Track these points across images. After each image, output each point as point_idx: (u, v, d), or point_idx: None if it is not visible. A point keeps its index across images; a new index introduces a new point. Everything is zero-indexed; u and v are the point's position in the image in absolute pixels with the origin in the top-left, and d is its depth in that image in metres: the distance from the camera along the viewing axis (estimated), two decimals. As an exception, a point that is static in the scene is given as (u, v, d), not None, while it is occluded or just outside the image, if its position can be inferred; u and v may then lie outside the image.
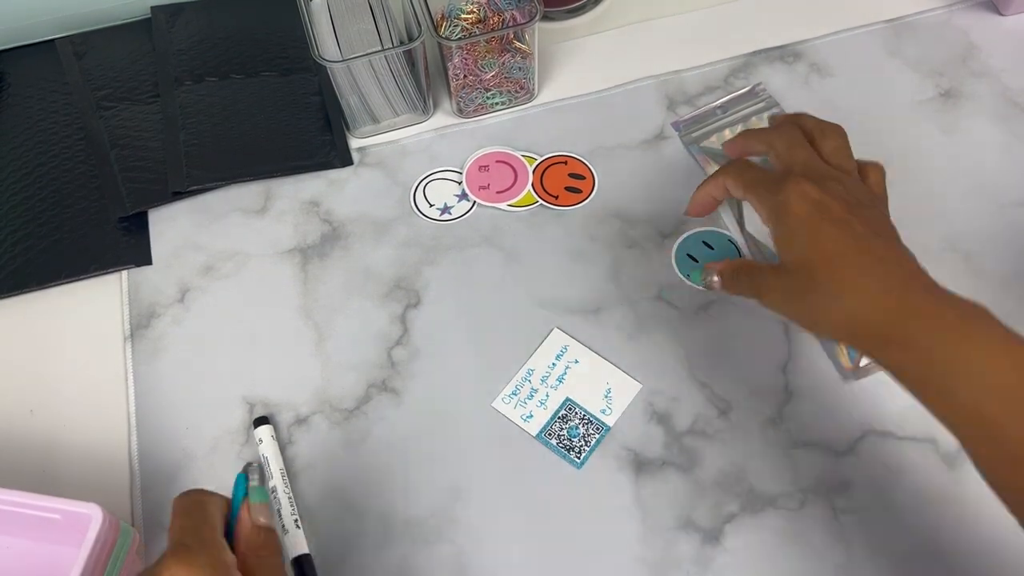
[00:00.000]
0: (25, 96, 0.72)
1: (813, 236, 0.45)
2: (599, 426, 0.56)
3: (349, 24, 0.67)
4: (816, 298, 0.45)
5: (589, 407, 0.57)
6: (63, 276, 0.63)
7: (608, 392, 0.57)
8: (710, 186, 0.54)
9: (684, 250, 0.62)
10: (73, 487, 0.56)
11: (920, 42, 0.72)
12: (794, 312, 0.47)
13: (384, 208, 0.66)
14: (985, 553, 0.52)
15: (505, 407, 0.57)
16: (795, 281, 0.46)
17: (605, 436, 0.56)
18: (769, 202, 0.48)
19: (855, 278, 0.44)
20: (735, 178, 0.52)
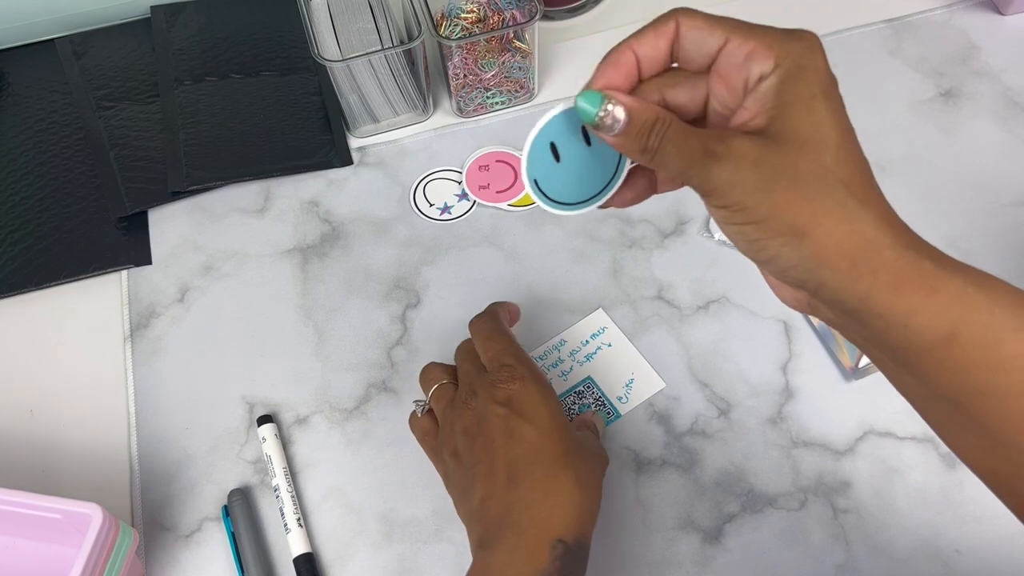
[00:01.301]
0: (25, 96, 0.72)
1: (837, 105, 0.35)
2: (611, 411, 0.57)
3: (349, 23, 0.67)
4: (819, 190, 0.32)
5: (607, 391, 0.57)
6: (63, 276, 0.63)
7: (630, 382, 0.57)
8: (645, 37, 0.36)
9: (547, 138, 0.38)
10: (73, 487, 0.56)
11: (920, 42, 0.72)
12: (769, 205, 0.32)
13: (384, 208, 0.66)
14: (985, 553, 0.52)
15: None
16: (794, 156, 0.32)
17: (614, 423, 0.56)
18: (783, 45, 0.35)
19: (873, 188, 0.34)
20: (706, 16, 0.35)
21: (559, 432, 0.45)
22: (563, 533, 0.42)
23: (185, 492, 0.56)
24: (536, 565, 0.41)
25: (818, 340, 0.59)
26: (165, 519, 0.55)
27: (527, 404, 0.45)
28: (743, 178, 0.32)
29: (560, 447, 0.45)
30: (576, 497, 0.43)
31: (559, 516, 0.43)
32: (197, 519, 0.55)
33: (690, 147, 0.34)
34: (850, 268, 0.32)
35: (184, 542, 0.54)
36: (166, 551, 0.54)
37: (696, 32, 0.35)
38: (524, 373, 0.47)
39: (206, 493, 0.56)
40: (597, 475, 0.47)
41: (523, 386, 0.46)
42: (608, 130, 0.35)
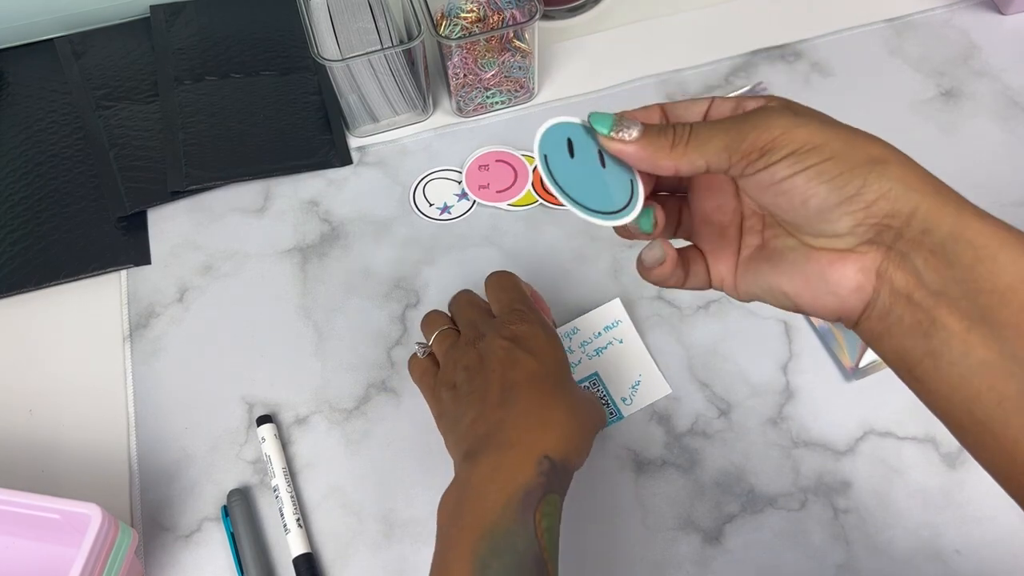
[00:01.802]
0: (24, 95, 0.72)
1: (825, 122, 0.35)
2: (614, 411, 0.56)
3: (348, 23, 0.67)
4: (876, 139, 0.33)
5: (612, 390, 0.56)
6: (62, 276, 0.63)
7: (637, 384, 0.56)
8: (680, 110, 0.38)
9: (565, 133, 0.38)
10: (72, 487, 0.56)
11: (921, 41, 0.72)
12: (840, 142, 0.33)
13: (384, 207, 0.66)
14: (985, 553, 0.52)
15: None
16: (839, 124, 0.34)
17: (615, 424, 0.56)
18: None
19: None
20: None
21: (560, 369, 0.46)
22: (551, 451, 0.42)
23: (184, 492, 0.56)
24: (520, 479, 0.41)
25: (818, 340, 0.59)
26: (164, 519, 0.55)
27: (532, 341, 0.46)
28: (804, 120, 0.33)
29: (559, 380, 0.46)
30: (568, 426, 0.44)
31: (548, 437, 0.43)
32: (196, 519, 0.55)
33: (729, 120, 0.34)
34: (936, 194, 0.32)
35: (183, 542, 0.54)
36: (165, 551, 0.54)
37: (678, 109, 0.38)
38: (533, 318, 0.48)
39: (206, 493, 0.55)
40: (592, 419, 0.47)
41: (531, 328, 0.47)
42: (626, 134, 0.35)
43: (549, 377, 0.45)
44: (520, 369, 0.45)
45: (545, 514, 0.41)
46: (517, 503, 0.40)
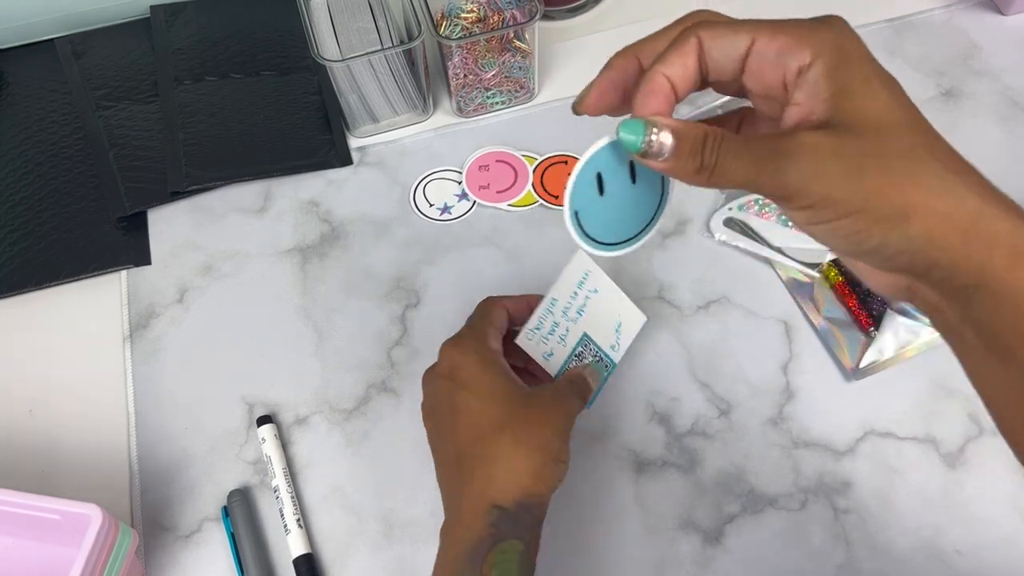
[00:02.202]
0: (24, 96, 0.72)
1: (895, 85, 0.32)
2: (607, 362, 0.53)
3: (349, 23, 0.67)
4: (912, 168, 0.30)
5: (601, 342, 0.53)
6: (62, 276, 0.63)
7: (618, 326, 0.53)
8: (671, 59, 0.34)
9: (595, 168, 0.38)
10: (72, 487, 0.56)
11: (921, 41, 0.72)
12: (864, 192, 0.30)
13: (384, 208, 0.66)
14: (986, 553, 0.52)
15: (529, 344, 0.50)
16: (875, 141, 0.30)
17: (611, 374, 0.53)
18: (816, 34, 0.32)
19: (961, 160, 0.31)
20: (728, 21, 0.34)
21: (500, 395, 0.45)
22: (497, 498, 0.42)
23: (185, 492, 0.56)
24: (467, 536, 0.42)
25: (819, 340, 0.59)
26: (165, 519, 0.55)
27: (465, 372, 0.46)
28: (826, 170, 0.30)
29: (500, 411, 0.45)
30: (512, 459, 0.43)
31: (494, 482, 0.43)
32: (197, 520, 0.55)
33: (754, 152, 0.31)
34: (963, 243, 0.30)
35: (184, 543, 0.54)
36: (166, 551, 0.54)
37: (719, 41, 0.33)
38: (468, 344, 0.47)
39: (206, 493, 0.55)
40: (545, 431, 0.44)
41: (463, 357, 0.47)
42: (656, 156, 0.33)
43: (490, 413, 0.45)
44: (464, 417, 0.45)
45: (495, 563, 0.42)
46: (465, 558, 0.42)
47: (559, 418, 0.45)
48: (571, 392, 0.48)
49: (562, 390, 0.48)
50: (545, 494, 0.44)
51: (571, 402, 0.47)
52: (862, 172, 0.30)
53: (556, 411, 0.46)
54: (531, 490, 0.43)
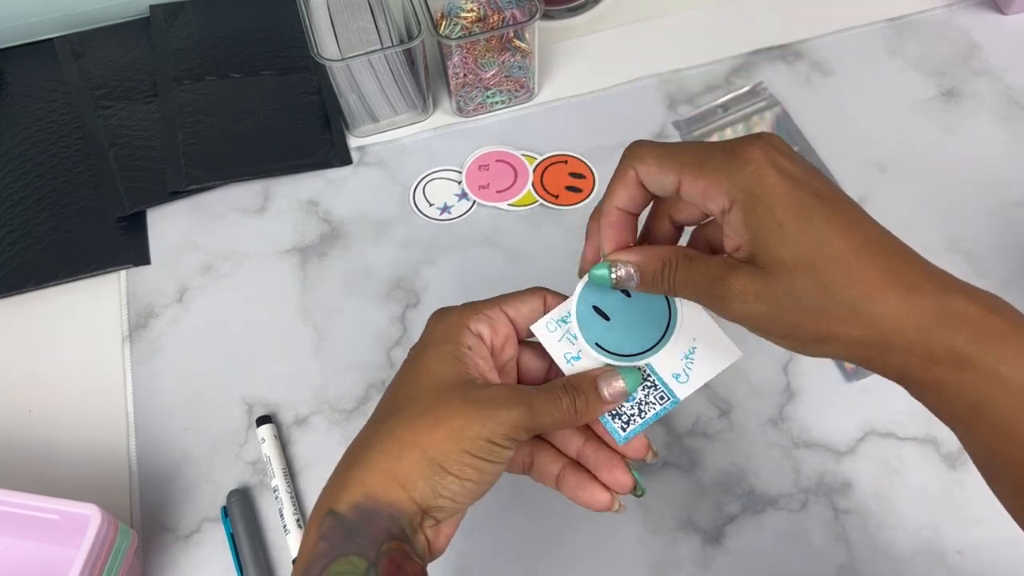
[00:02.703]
0: (23, 95, 0.71)
1: (807, 221, 0.33)
2: (665, 395, 0.41)
3: (348, 23, 0.67)
4: (825, 304, 0.33)
5: (660, 368, 0.41)
6: (61, 276, 0.63)
7: (691, 352, 0.41)
8: (618, 193, 0.39)
9: (588, 303, 0.41)
10: (71, 487, 0.55)
11: (921, 41, 0.72)
12: (786, 327, 0.34)
13: (383, 207, 0.66)
14: (987, 554, 0.52)
15: (547, 334, 0.41)
16: (789, 284, 0.33)
17: (668, 411, 0.41)
18: (730, 178, 0.34)
19: (877, 277, 0.33)
20: (657, 159, 0.37)
21: (425, 375, 0.39)
22: (337, 500, 0.36)
23: (184, 493, 0.55)
24: (307, 547, 0.36)
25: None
26: (164, 520, 0.55)
27: (418, 344, 0.41)
28: (753, 312, 0.34)
29: (408, 394, 0.39)
30: (379, 456, 0.36)
31: (344, 480, 0.37)
32: (196, 520, 0.55)
33: (699, 287, 0.36)
34: (881, 354, 0.33)
35: (183, 543, 0.54)
36: (165, 552, 0.54)
37: (651, 176, 0.37)
38: (452, 308, 0.42)
39: (205, 494, 0.55)
40: (444, 431, 0.36)
41: (433, 320, 0.42)
42: (627, 285, 0.39)
43: (398, 390, 0.39)
44: (386, 389, 0.41)
45: None
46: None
47: (483, 425, 0.36)
48: (521, 401, 0.37)
49: (508, 394, 0.38)
50: (404, 502, 0.36)
51: (511, 411, 0.37)
52: (782, 312, 0.34)
53: (474, 413, 0.36)
54: (378, 495, 0.35)
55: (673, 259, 0.37)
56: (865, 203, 0.64)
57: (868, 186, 0.65)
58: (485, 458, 0.36)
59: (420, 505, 0.36)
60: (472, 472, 0.36)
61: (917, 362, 0.33)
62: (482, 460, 0.36)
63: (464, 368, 0.39)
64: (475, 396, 0.37)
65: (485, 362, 0.40)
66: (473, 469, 0.36)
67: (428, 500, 0.36)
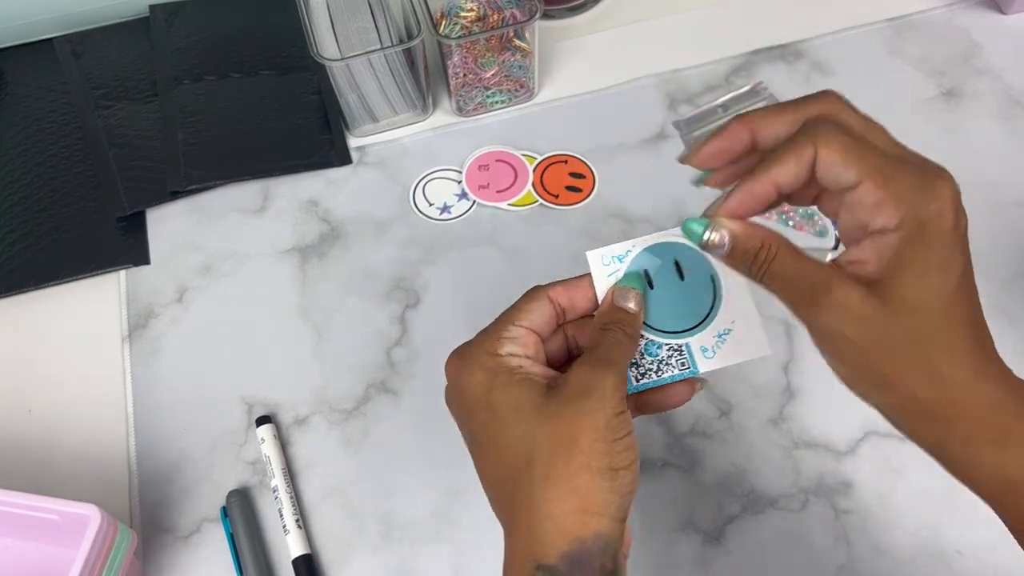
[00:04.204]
0: (23, 95, 0.71)
1: (949, 273, 0.33)
2: (687, 362, 0.40)
3: (348, 22, 0.67)
4: (913, 354, 0.33)
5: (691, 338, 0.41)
6: (61, 276, 0.63)
7: (726, 333, 0.41)
8: (785, 167, 0.35)
9: (641, 266, 0.41)
10: (71, 488, 0.55)
11: (922, 41, 0.72)
12: (861, 359, 0.34)
13: (383, 207, 0.66)
14: (987, 554, 0.52)
15: (600, 267, 0.41)
16: (895, 321, 0.33)
17: (685, 378, 0.40)
18: (914, 207, 0.33)
19: (970, 346, 0.34)
20: (844, 150, 0.34)
21: (517, 412, 0.37)
22: (541, 554, 0.34)
23: (184, 493, 0.55)
24: None
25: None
26: (164, 520, 0.55)
27: (470, 394, 0.38)
28: (844, 330, 0.34)
29: (520, 436, 0.36)
30: (548, 502, 0.35)
31: (534, 535, 0.35)
32: (196, 520, 0.55)
33: (795, 286, 0.35)
34: (926, 418, 0.34)
35: (183, 543, 0.54)
36: (164, 552, 0.54)
37: (832, 167, 0.34)
38: (471, 347, 0.39)
39: (205, 494, 0.55)
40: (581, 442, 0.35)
41: (461, 370, 0.39)
42: (715, 252, 0.37)
43: (502, 440, 0.37)
44: (478, 448, 0.38)
45: None
46: None
47: (595, 414, 0.35)
48: (598, 365, 0.37)
49: (586, 370, 0.37)
50: (605, 528, 0.35)
51: (603, 380, 0.36)
52: (871, 344, 0.34)
53: (587, 406, 0.35)
54: (581, 534, 0.34)
55: (774, 246, 0.36)
56: (865, 203, 0.64)
57: (868, 186, 0.65)
58: (626, 432, 0.36)
59: (618, 518, 0.35)
60: (630, 453, 0.36)
61: (959, 436, 0.34)
62: (626, 435, 0.36)
63: (532, 381, 0.37)
64: (571, 393, 0.36)
65: (538, 367, 0.39)
66: (628, 449, 0.36)
67: (621, 508, 0.35)
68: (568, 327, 0.41)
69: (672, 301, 0.41)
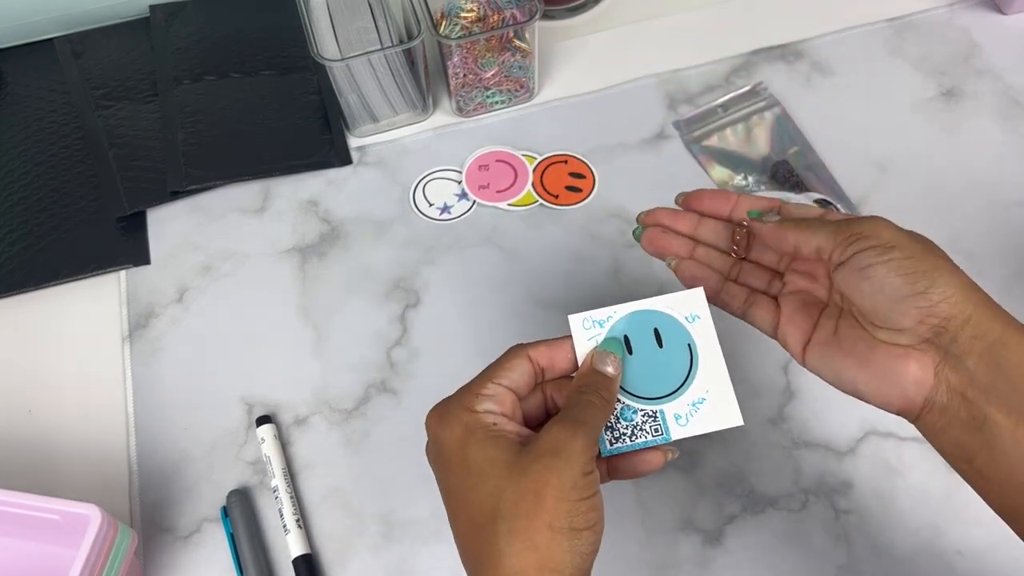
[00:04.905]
0: (23, 95, 0.71)
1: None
2: (660, 429, 0.42)
3: (348, 22, 0.67)
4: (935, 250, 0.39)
5: (666, 406, 0.42)
6: (61, 276, 0.63)
7: (699, 402, 0.42)
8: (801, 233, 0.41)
9: (622, 329, 0.42)
10: (72, 488, 0.55)
11: (922, 41, 0.72)
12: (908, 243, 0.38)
13: (383, 207, 0.66)
14: (987, 554, 0.52)
15: (581, 332, 0.43)
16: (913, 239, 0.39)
17: (654, 445, 0.42)
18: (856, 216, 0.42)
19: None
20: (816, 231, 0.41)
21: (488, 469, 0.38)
22: None
23: (184, 493, 0.55)
24: None
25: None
26: (164, 520, 0.55)
27: (447, 450, 0.40)
28: (887, 225, 0.39)
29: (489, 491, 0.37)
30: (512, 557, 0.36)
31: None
32: (196, 520, 0.55)
33: (832, 216, 0.42)
34: (985, 305, 0.37)
35: (183, 543, 0.54)
36: (165, 552, 0.54)
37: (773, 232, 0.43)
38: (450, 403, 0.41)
39: (205, 494, 0.55)
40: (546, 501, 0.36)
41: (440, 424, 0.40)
42: (769, 216, 0.44)
43: (474, 495, 0.38)
44: (451, 499, 0.39)
45: None
46: None
47: (562, 472, 0.36)
48: (569, 425, 0.38)
49: (558, 430, 0.38)
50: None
51: (573, 440, 0.37)
52: (914, 235, 0.39)
53: (555, 464, 0.36)
54: None
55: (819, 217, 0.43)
56: (865, 203, 0.64)
57: (868, 186, 0.65)
58: (592, 492, 0.37)
59: (582, 570, 0.36)
60: (594, 513, 0.37)
61: (1017, 327, 0.37)
62: (592, 496, 0.37)
63: (506, 439, 0.39)
64: (541, 451, 0.37)
65: (513, 424, 0.40)
66: (592, 510, 0.37)
67: (580, 568, 0.36)
68: (547, 386, 0.42)
69: (649, 367, 0.42)
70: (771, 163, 0.66)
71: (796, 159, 0.66)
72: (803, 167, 0.66)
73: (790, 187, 0.65)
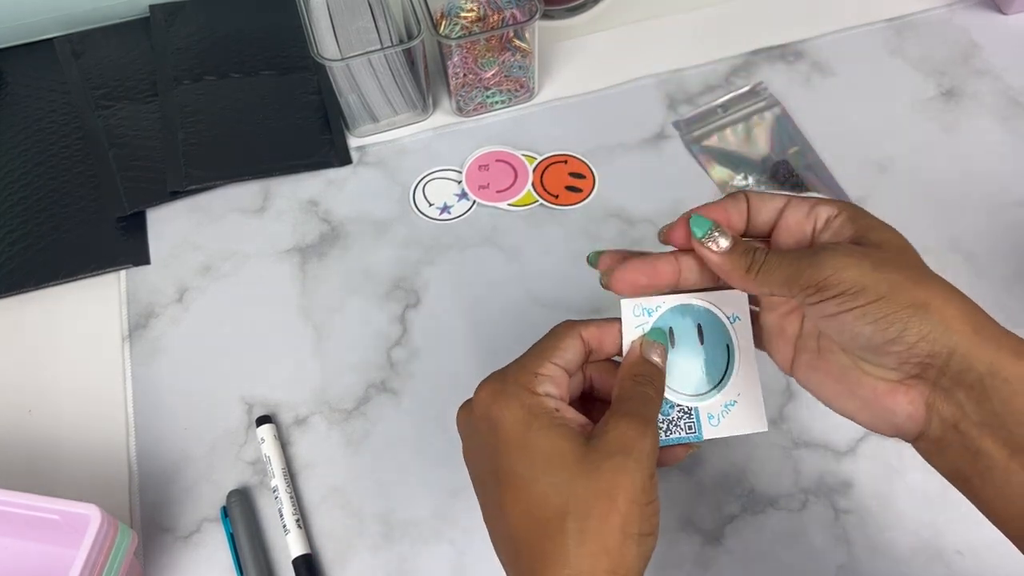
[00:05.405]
0: (23, 95, 0.71)
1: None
2: (693, 427, 0.42)
3: (348, 22, 0.67)
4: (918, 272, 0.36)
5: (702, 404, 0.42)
6: (61, 276, 0.63)
7: (731, 405, 0.42)
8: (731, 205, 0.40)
9: (668, 323, 0.42)
10: (71, 487, 0.55)
11: (922, 41, 0.72)
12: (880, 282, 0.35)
13: (383, 207, 0.66)
14: (987, 554, 0.52)
15: (631, 319, 0.42)
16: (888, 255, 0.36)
17: (688, 441, 0.42)
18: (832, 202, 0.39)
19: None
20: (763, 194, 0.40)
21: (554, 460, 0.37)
22: None
23: (184, 493, 0.55)
24: None
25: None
26: (164, 520, 0.55)
27: (505, 429, 0.38)
28: (856, 261, 0.35)
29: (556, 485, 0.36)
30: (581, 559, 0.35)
31: None
32: (196, 520, 0.55)
33: (794, 255, 0.37)
34: (974, 334, 0.35)
35: (183, 543, 0.54)
36: (165, 552, 0.54)
37: (761, 201, 0.40)
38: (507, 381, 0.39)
39: (205, 494, 0.55)
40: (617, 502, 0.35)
41: (498, 402, 0.38)
42: (715, 244, 0.39)
43: (537, 486, 0.36)
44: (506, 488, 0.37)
45: None
46: None
47: (633, 474, 0.36)
48: (638, 422, 0.37)
49: (625, 427, 0.37)
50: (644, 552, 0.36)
51: (643, 440, 0.36)
52: (885, 268, 0.35)
53: (626, 465, 0.36)
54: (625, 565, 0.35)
55: (761, 251, 0.38)
56: (865, 203, 0.64)
57: (868, 186, 0.65)
58: (656, 496, 0.37)
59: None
60: (656, 518, 0.37)
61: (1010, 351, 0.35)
62: (656, 500, 0.37)
63: (570, 428, 0.37)
64: (611, 448, 0.36)
65: (572, 412, 0.39)
66: (655, 515, 0.37)
67: (641, 572, 0.36)
68: (589, 367, 0.42)
69: (689, 363, 0.42)
70: (771, 163, 0.66)
71: (796, 159, 0.66)
72: (803, 167, 0.66)
73: (790, 187, 0.65)
